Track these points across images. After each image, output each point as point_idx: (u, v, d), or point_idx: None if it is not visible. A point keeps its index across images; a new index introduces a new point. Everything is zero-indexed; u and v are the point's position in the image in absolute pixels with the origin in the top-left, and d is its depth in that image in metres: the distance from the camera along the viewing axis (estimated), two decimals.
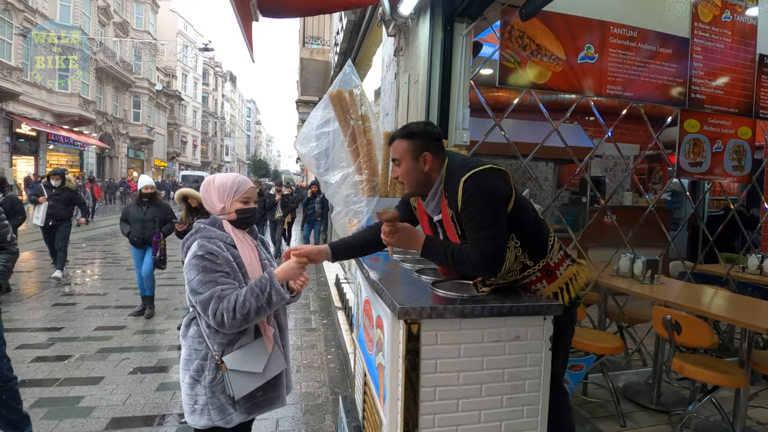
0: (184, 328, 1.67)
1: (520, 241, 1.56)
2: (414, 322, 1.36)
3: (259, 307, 1.49)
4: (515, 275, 1.61)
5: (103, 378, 3.33)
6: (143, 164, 30.55)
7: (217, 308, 1.47)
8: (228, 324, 1.48)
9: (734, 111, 3.48)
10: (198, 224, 1.66)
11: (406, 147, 1.59)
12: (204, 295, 1.49)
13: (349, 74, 2.54)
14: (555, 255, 1.65)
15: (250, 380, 1.60)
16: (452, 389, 1.41)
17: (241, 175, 1.81)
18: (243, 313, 1.47)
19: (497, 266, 1.49)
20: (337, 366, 3.71)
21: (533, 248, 1.60)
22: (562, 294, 1.62)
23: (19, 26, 17.27)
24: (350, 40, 5.96)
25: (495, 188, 1.47)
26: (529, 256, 1.59)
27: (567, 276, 1.65)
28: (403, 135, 1.61)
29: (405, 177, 1.62)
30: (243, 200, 1.68)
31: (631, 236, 3.41)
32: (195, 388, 1.59)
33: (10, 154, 17.39)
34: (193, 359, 1.60)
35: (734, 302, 2.84)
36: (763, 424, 2.75)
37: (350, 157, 2.51)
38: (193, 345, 1.61)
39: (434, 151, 1.58)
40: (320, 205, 8.87)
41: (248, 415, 1.64)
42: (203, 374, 1.58)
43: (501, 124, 2.98)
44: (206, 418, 1.58)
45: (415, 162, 1.58)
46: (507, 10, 2.69)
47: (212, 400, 1.58)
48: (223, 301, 1.48)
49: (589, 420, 2.78)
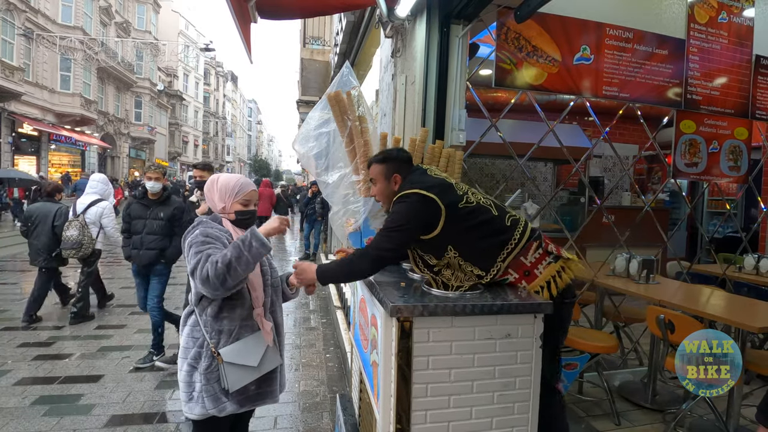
0: (183, 318, 1.72)
1: (458, 252, 1.69)
2: (406, 319, 1.39)
3: (239, 255, 1.51)
4: (474, 280, 1.70)
5: (103, 376, 3.37)
6: (144, 164, 30.60)
7: (205, 265, 1.51)
8: (212, 275, 1.49)
9: (730, 112, 3.50)
10: (200, 219, 1.73)
11: (380, 170, 1.88)
12: (195, 260, 1.55)
13: (347, 75, 2.56)
14: (531, 255, 1.70)
15: (245, 374, 1.64)
16: (444, 386, 1.44)
17: (245, 177, 1.86)
18: (225, 263, 1.49)
19: (377, 264, 1.69)
20: (336, 365, 3.74)
21: (477, 259, 1.70)
22: (542, 292, 1.66)
23: (21, 26, 17.33)
24: (350, 41, 5.98)
25: (412, 209, 1.66)
26: (476, 265, 1.69)
27: (548, 274, 1.68)
28: (377, 160, 1.91)
29: (380, 195, 1.92)
30: (243, 202, 1.75)
31: (629, 236, 3.43)
32: (193, 376, 1.63)
33: (12, 154, 17.45)
34: (190, 347, 1.65)
35: (729, 302, 2.86)
36: (755, 423, 2.76)
37: (348, 158, 2.54)
38: (192, 333, 1.66)
39: (403, 172, 1.85)
40: (320, 205, 8.89)
41: (240, 407, 1.68)
42: (200, 361, 1.63)
43: (500, 124, 3.00)
44: (200, 406, 1.62)
45: (387, 182, 1.87)
46: (503, 12, 2.71)
47: (207, 388, 1.62)
48: (210, 258, 1.53)
49: (584, 419, 2.80)
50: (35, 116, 18.42)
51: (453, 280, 1.70)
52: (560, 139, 3.19)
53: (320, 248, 9.34)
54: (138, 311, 4.95)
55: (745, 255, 3.81)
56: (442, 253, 1.70)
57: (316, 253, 9.28)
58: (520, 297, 1.57)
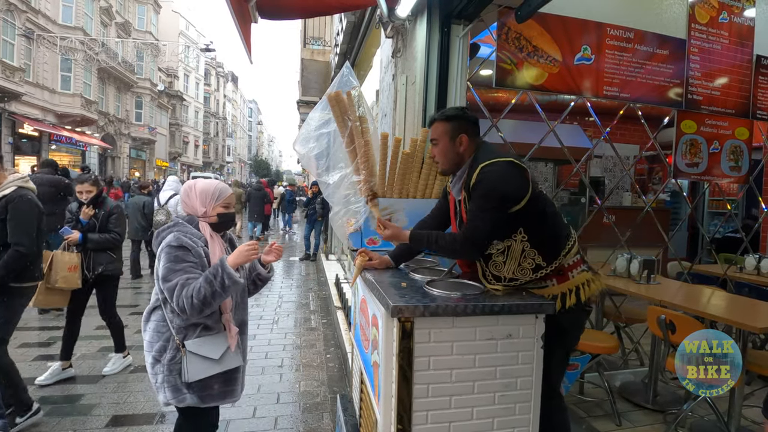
0: (146, 314, 1.81)
1: (527, 236, 1.60)
2: (407, 320, 1.39)
3: (213, 291, 1.60)
4: (528, 275, 1.62)
5: (103, 377, 3.36)
6: (145, 164, 30.61)
7: (180, 295, 1.60)
8: (189, 310, 1.60)
9: (731, 112, 3.50)
10: (176, 219, 1.80)
11: (444, 129, 1.72)
12: (171, 283, 1.63)
13: (347, 76, 2.56)
14: (571, 257, 1.67)
15: (206, 366, 1.72)
16: (445, 386, 1.44)
17: (221, 182, 1.97)
18: (200, 299, 1.59)
19: (476, 250, 1.60)
20: (336, 365, 3.74)
21: (546, 247, 1.62)
22: (569, 296, 1.62)
23: (21, 27, 17.34)
24: (350, 41, 5.98)
25: (505, 182, 1.54)
26: (540, 254, 1.62)
27: (579, 280, 1.65)
28: (441, 118, 1.75)
29: (441, 156, 1.75)
30: (224, 205, 1.85)
31: (630, 236, 3.43)
32: (155, 367, 1.74)
33: (13, 154, 17.44)
34: (155, 341, 1.74)
35: (730, 302, 2.86)
36: (757, 423, 2.76)
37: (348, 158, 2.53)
38: (157, 328, 1.75)
39: (470, 134, 1.71)
40: (321, 205, 8.89)
41: (201, 402, 1.76)
42: (164, 354, 1.72)
43: (500, 124, 3.00)
44: (162, 395, 1.73)
45: (452, 143, 1.71)
46: (504, 12, 2.71)
47: (168, 378, 1.71)
48: (185, 288, 1.61)
49: (585, 419, 2.80)
50: (36, 117, 18.42)
51: (505, 271, 1.61)
52: (561, 140, 3.19)
53: (321, 248, 9.34)
54: (138, 311, 4.96)
55: (746, 255, 3.80)
56: (509, 234, 1.60)
57: (316, 254, 9.28)
58: (521, 297, 1.57)
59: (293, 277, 7.63)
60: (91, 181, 3.36)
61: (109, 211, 3.37)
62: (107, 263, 3.32)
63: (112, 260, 3.37)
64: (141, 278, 6.75)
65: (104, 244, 3.30)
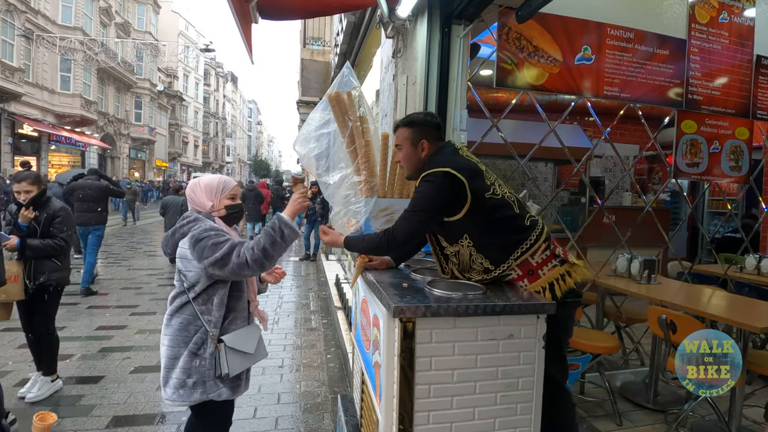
0: (174, 307, 1.75)
1: (472, 242, 1.67)
2: (409, 320, 1.39)
3: (273, 242, 1.65)
4: (478, 274, 1.71)
5: (104, 377, 3.36)
6: (145, 165, 30.61)
7: (240, 251, 1.63)
8: (251, 260, 1.62)
9: (731, 112, 3.49)
10: (193, 214, 1.80)
11: (406, 134, 1.80)
12: (222, 250, 1.64)
13: (348, 76, 2.55)
14: (539, 255, 1.68)
15: (243, 360, 1.75)
16: (447, 387, 1.44)
17: (223, 175, 2.01)
18: (260, 248, 1.63)
19: (393, 247, 1.68)
20: (337, 365, 3.74)
21: (491, 252, 1.68)
22: (543, 294, 1.65)
23: (21, 27, 17.33)
24: (350, 41, 5.99)
25: (434, 195, 1.61)
26: (488, 258, 1.68)
27: (551, 276, 1.67)
28: (404, 123, 1.82)
29: (405, 161, 1.83)
30: (230, 197, 1.88)
31: (630, 236, 3.42)
32: (194, 362, 1.69)
33: (12, 154, 17.43)
34: (191, 335, 1.70)
35: (731, 302, 2.86)
36: (758, 423, 2.76)
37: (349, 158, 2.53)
38: (192, 320, 1.72)
39: (431, 139, 1.77)
40: (321, 205, 8.89)
41: (233, 394, 1.77)
42: (203, 347, 1.70)
43: (501, 124, 3.00)
44: (200, 391, 1.69)
45: (413, 148, 1.79)
46: (504, 12, 2.71)
47: (209, 373, 1.70)
48: (239, 247, 1.65)
49: (586, 419, 2.80)
50: (35, 117, 18.41)
51: (458, 272, 1.71)
52: (561, 140, 3.19)
53: (321, 248, 9.34)
54: (138, 311, 4.96)
55: (746, 255, 3.81)
56: (456, 240, 1.68)
57: (316, 254, 9.28)
58: (522, 298, 1.57)
59: (293, 277, 7.63)
60: (31, 180, 2.96)
61: (52, 213, 2.99)
62: (50, 272, 2.96)
63: (57, 268, 3.01)
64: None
65: (46, 250, 2.92)
